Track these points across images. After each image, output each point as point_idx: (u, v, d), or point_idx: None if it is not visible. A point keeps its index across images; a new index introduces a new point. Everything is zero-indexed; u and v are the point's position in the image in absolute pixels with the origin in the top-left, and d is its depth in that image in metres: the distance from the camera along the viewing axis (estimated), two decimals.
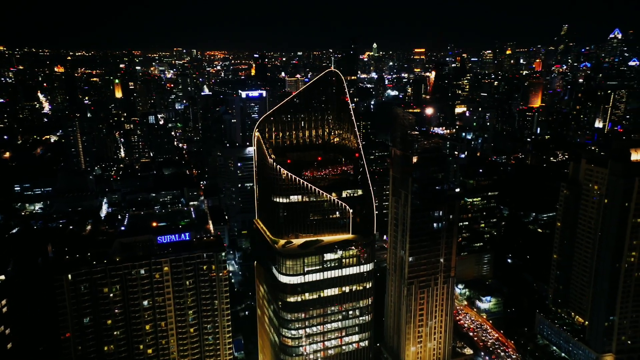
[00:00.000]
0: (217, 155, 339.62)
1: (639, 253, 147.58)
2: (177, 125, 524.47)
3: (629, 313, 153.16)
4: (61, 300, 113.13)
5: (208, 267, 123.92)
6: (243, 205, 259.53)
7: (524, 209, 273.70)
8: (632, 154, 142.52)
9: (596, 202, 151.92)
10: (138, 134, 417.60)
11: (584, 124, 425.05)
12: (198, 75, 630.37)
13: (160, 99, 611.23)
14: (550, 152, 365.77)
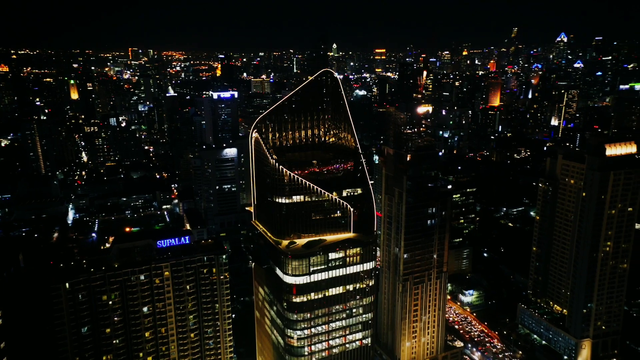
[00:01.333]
0: (189, 157, 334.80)
1: (613, 243, 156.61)
2: (141, 127, 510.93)
3: (604, 300, 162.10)
4: (58, 310, 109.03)
5: (209, 270, 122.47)
6: (221, 208, 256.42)
7: (494, 204, 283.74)
8: (607, 149, 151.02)
9: (574, 195, 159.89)
10: (102, 136, 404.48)
11: (541, 122, 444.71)
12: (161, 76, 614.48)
13: (121, 101, 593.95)
14: (513, 149, 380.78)
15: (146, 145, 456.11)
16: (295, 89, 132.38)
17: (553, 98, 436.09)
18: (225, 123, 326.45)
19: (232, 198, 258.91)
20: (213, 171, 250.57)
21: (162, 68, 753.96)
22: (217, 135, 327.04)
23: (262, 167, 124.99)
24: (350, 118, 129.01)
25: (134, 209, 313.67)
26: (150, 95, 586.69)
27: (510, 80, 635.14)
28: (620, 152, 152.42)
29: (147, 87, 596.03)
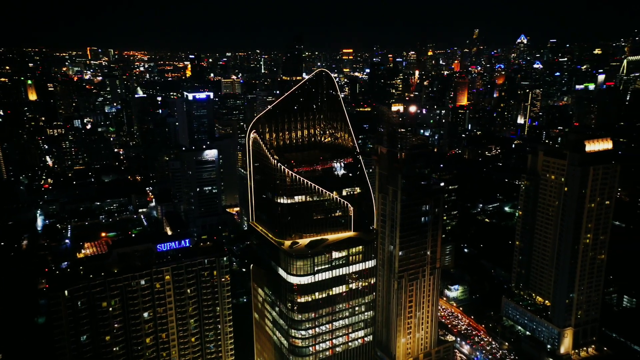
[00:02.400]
0: (164, 159, 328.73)
1: (593, 235, 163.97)
2: (109, 129, 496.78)
3: (585, 289, 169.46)
4: (57, 319, 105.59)
5: (210, 273, 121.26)
6: (202, 210, 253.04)
7: (470, 201, 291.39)
8: (587, 145, 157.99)
9: (555, 190, 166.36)
10: (70, 139, 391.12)
11: (508, 120, 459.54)
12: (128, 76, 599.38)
13: (85, 102, 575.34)
14: (484, 147, 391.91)
15: (116, 147, 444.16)
16: (291, 89, 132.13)
17: (518, 97, 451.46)
18: (201, 124, 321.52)
19: (214, 200, 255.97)
20: (194, 173, 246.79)
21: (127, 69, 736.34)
22: (192, 136, 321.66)
23: (261, 168, 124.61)
24: (346, 117, 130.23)
25: (108, 213, 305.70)
26: (117, 96, 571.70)
27: (476, 80, 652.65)
28: (598, 148, 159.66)
29: (114, 88, 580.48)
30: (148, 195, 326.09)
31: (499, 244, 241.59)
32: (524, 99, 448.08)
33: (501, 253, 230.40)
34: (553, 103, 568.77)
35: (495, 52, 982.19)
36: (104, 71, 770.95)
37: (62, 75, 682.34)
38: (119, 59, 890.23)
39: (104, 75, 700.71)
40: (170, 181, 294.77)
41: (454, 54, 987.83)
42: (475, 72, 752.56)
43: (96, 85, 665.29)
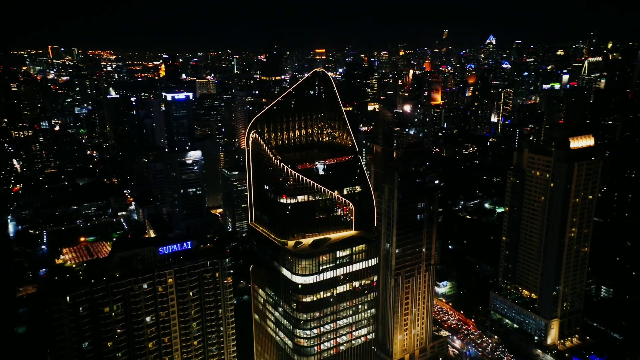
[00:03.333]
0: (143, 161, 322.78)
1: (577, 229, 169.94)
2: (80, 131, 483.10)
3: (570, 282, 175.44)
4: (59, 326, 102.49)
5: (212, 274, 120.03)
6: (187, 212, 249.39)
7: (451, 198, 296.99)
8: (571, 142, 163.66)
9: (540, 186, 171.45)
10: (40, 141, 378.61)
11: (482, 119, 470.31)
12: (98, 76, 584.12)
13: (52, 103, 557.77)
14: (460, 145, 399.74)
15: (89, 150, 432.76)
16: (289, 89, 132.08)
17: (492, 96, 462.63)
18: (180, 125, 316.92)
19: (198, 202, 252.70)
20: (177, 174, 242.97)
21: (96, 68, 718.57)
22: (172, 137, 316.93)
23: (262, 168, 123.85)
24: (345, 116, 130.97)
25: (86, 217, 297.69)
26: (87, 97, 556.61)
27: (448, 79, 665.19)
28: (581, 145, 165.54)
29: (83, 88, 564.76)
30: (127, 198, 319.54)
31: (481, 240, 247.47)
32: (497, 98, 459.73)
33: (485, 249, 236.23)
34: (522, 102, 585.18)
35: (464, 52, 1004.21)
36: (68, 71, 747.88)
37: (23, 75, 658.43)
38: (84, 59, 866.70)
39: (70, 75, 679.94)
40: (151, 183, 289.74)
41: (424, 54, 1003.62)
42: (447, 72, 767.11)
43: (62, 85, 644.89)
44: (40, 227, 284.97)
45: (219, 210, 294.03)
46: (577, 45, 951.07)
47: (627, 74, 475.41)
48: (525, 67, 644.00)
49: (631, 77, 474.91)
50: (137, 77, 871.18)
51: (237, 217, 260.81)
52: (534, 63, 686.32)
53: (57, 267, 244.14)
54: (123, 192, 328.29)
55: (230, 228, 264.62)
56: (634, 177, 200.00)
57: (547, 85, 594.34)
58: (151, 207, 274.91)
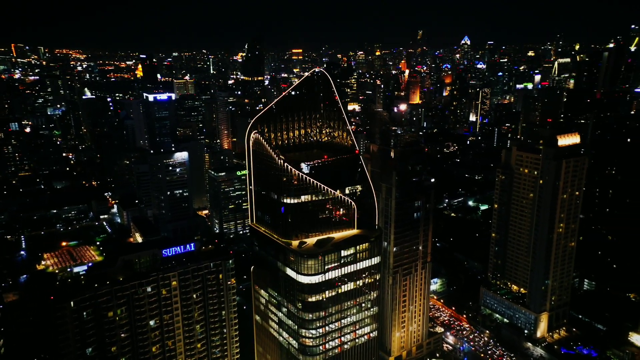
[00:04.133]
0: (125, 163, 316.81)
1: (565, 224, 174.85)
2: (54, 133, 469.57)
3: (558, 276, 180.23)
4: (63, 332, 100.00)
5: (215, 276, 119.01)
6: (173, 214, 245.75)
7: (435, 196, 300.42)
8: (559, 140, 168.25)
9: (528, 183, 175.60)
10: (13, 143, 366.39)
11: (460, 118, 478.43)
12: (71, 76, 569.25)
13: (21, 104, 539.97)
14: (441, 144, 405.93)
15: (64, 152, 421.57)
16: (289, 89, 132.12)
17: (470, 96, 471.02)
18: (163, 126, 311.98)
19: (185, 203, 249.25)
20: (164, 176, 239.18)
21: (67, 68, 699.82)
22: (154, 139, 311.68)
23: (265, 169, 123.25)
24: (344, 115, 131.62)
25: (66, 221, 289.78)
26: (59, 97, 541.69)
27: (425, 79, 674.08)
28: (568, 143, 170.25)
29: (56, 88, 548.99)
30: (109, 201, 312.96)
31: (468, 237, 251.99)
32: (475, 98, 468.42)
33: (471, 245, 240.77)
34: (497, 101, 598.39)
35: (438, 52, 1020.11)
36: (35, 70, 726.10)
37: None
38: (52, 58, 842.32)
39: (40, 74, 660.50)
40: (134, 185, 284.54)
41: (399, 54, 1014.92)
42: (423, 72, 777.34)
43: (30, 85, 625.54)
44: (18, 233, 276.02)
45: (204, 212, 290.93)
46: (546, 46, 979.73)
47: (593, 75, 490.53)
48: (500, 68, 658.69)
49: (597, 78, 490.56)
50: (110, 77, 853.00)
51: (225, 219, 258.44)
52: (507, 63, 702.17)
53: (38, 273, 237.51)
54: (104, 195, 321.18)
55: (218, 229, 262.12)
56: (614, 174, 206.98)
57: (520, 85, 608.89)
58: (135, 210, 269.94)
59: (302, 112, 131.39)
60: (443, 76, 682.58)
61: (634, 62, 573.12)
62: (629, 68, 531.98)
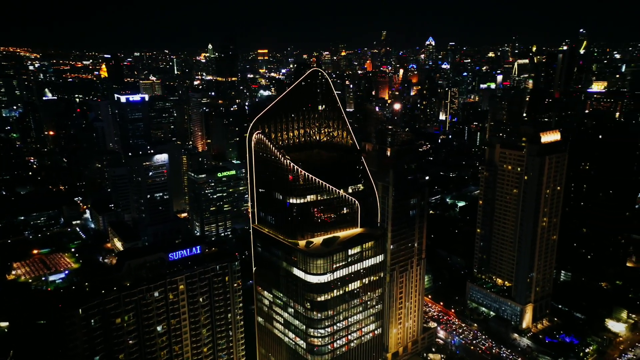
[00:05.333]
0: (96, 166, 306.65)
1: (548, 218, 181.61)
2: (11, 135, 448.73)
3: (542, 268, 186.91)
4: (72, 340, 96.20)
5: (222, 279, 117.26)
6: (153, 217, 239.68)
7: None
8: (542, 137, 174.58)
9: (512, 179, 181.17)
10: None
11: (430, 117, 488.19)
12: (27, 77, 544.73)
13: None
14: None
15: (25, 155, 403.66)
16: (288, 89, 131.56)
17: (439, 95, 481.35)
18: (136, 128, 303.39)
19: (165, 206, 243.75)
20: (144, 179, 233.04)
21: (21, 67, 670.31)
22: (127, 141, 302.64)
23: (269, 169, 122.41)
24: (344, 115, 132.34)
25: (35, 228, 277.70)
26: (15, 98, 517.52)
27: (392, 79, 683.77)
28: (550, 140, 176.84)
29: (10, 89, 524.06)
30: (80, 206, 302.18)
31: (448, 233, 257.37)
32: (444, 97, 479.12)
33: (452, 242, 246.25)
34: (463, 100, 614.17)
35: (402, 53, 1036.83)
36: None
37: None
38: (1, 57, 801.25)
39: None
40: (110, 189, 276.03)
41: (364, 54, 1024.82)
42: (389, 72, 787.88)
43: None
44: None
45: (183, 215, 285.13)
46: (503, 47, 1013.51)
47: (550, 76, 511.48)
48: (464, 68, 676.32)
49: (554, 79, 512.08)
50: (66, 77, 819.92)
51: (206, 221, 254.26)
52: (470, 64, 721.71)
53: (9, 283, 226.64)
54: (74, 200, 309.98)
55: (198, 232, 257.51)
56: (587, 169, 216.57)
57: (484, 85, 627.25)
58: (112, 214, 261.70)
59: (301, 112, 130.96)
60: (410, 76, 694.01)
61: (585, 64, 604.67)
62: (581, 70, 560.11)
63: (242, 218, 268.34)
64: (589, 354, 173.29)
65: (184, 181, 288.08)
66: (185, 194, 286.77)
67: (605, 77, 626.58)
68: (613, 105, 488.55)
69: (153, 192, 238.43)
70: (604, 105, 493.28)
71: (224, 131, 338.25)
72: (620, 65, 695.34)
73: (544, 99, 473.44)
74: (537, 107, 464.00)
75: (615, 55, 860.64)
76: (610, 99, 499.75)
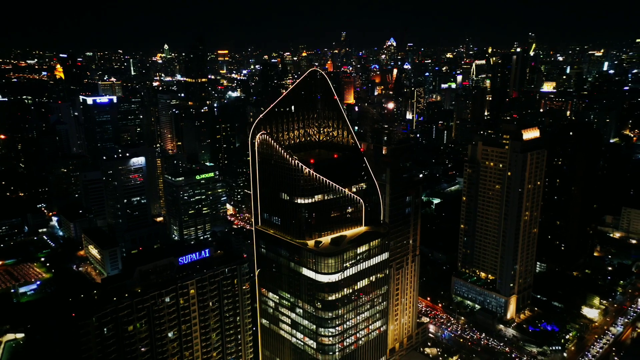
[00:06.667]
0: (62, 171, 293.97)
1: (530, 212, 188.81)
2: None
3: (524, 260, 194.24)
4: (86, 350, 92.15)
5: (230, 282, 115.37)
6: (131, 223, 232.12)
7: None
8: (524, 134, 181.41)
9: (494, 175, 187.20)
10: None
11: (398, 116, 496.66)
12: None
13: None
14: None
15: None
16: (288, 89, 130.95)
17: (406, 95, 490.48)
18: (105, 131, 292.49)
19: (143, 211, 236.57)
20: (120, 184, 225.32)
21: None
22: (95, 145, 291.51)
23: (275, 170, 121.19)
24: (344, 114, 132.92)
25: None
26: None
27: (356, 79, 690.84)
28: (531, 137, 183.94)
29: None
30: (46, 213, 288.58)
31: (426, 230, 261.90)
32: (410, 97, 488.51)
33: (432, 238, 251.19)
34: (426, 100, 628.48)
35: (362, 53, 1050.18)
36: None
37: None
38: None
39: None
40: (81, 194, 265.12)
41: (324, 54, 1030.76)
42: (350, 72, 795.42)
43: None
44: None
45: (159, 219, 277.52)
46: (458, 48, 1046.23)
47: (506, 76, 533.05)
48: (425, 68, 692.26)
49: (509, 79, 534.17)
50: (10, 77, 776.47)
51: (185, 225, 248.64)
52: (430, 64, 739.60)
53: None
54: (38, 207, 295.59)
55: (177, 237, 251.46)
56: (560, 164, 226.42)
57: (445, 84, 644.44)
58: (84, 221, 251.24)
59: (301, 112, 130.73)
60: (372, 76, 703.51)
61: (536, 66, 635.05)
62: (533, 70, 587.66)
63: (221, 220, 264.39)
64: (569, 340, 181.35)
65: (159, 184, 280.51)
66: (160, 197, 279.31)
67: (553, 78, 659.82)
68: (564, 104, 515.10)
69: (130, 197, 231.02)
70: (556, 104, 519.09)
71: (196, 133, 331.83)
72: (565, 67, 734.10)
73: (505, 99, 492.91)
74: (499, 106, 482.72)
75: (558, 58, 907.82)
76: (562, 99, 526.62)
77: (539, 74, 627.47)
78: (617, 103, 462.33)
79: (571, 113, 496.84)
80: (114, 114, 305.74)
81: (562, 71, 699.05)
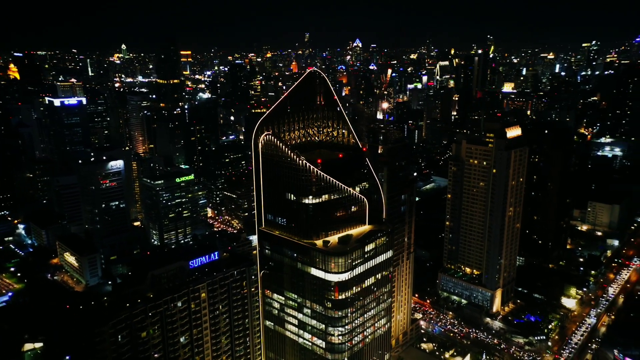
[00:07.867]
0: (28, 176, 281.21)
1: (513, 208, 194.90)
2: None
3: (508, 255, 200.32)
4: (102, 358, 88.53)
5: (239, 284, 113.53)
6: (109, 228, 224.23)
7: None
8: (507, 132, 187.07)
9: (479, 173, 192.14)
10: None
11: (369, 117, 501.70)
12: None
13: None
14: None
15: None
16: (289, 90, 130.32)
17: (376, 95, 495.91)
18: (74, 134, 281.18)
19: (122, 215, 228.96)
20: (97, 188, 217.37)
21: None
22: (64, 148, 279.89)
23: (281, 170, 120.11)
24: (344, 114, 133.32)
25: None
26: None
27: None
28: (514, 135, 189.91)
29: None
30: (11, 221, 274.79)
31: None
32: (380, 97, 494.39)
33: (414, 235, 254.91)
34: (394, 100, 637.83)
35: (325, 54, 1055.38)
36: None
37: None
38: None
39: None
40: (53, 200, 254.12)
41: (289, 55, 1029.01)
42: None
43: None
44: None
45: (136, 223, 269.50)
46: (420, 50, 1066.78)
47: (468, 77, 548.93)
48: (391, 69, 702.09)
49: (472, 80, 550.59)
50: None
51: (165, 229, 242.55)
52: (396, 65, 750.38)
53: None
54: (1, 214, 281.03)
55: (157, 241, 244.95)
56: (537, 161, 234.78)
57: (411, 85, 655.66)
58: (57, 227, 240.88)
59: (301, 112, 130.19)
60: (339, 76, 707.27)
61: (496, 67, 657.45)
62: (493, 72, 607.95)
63: (202, 224, 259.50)
64: (552, 329, 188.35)
65: (135, 188, 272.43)
66: (137, 201, 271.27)
67: (511, 79, 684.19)
68: (525, 104, 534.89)
69: (108, 201, 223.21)
70: (517, 104, 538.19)
71: (170, 135, 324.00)
72: (521, 69, 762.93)
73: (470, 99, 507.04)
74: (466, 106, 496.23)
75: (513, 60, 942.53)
76: (522, 99, 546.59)
77: (499, 75, 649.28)
78: (575, 103, 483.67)
79: (531, 112, 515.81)
80: (84, 116, 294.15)
81: (519, 72, 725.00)
